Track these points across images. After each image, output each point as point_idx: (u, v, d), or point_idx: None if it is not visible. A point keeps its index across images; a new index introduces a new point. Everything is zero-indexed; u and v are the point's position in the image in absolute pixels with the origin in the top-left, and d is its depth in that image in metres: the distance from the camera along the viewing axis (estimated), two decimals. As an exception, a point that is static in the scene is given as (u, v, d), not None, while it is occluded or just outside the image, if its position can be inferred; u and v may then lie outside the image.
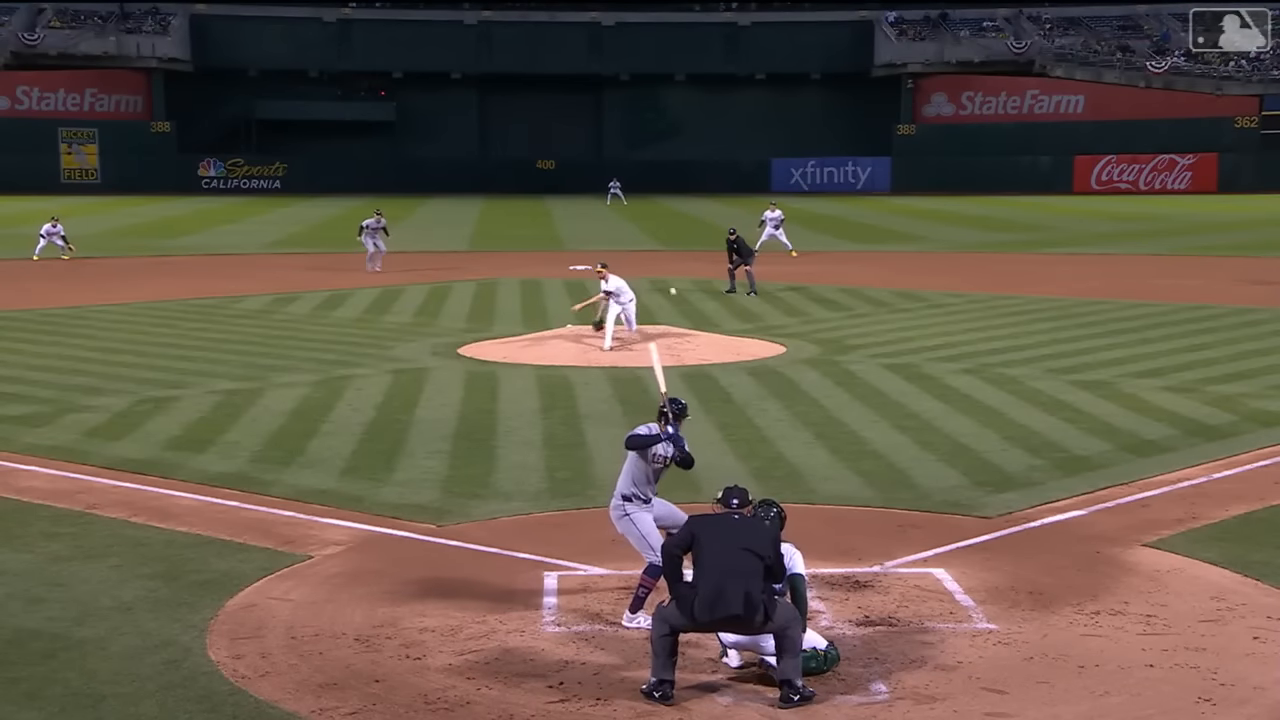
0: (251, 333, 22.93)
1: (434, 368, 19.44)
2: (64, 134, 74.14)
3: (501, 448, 14.13)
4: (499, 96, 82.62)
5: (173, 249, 41.05)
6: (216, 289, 29.69)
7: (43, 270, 34.06)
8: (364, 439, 14.41)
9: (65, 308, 25.75)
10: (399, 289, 29.93)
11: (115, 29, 77.99)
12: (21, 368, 18.67)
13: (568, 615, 9.04)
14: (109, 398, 16.55)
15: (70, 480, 12.51)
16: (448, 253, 41.15)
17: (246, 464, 13.25)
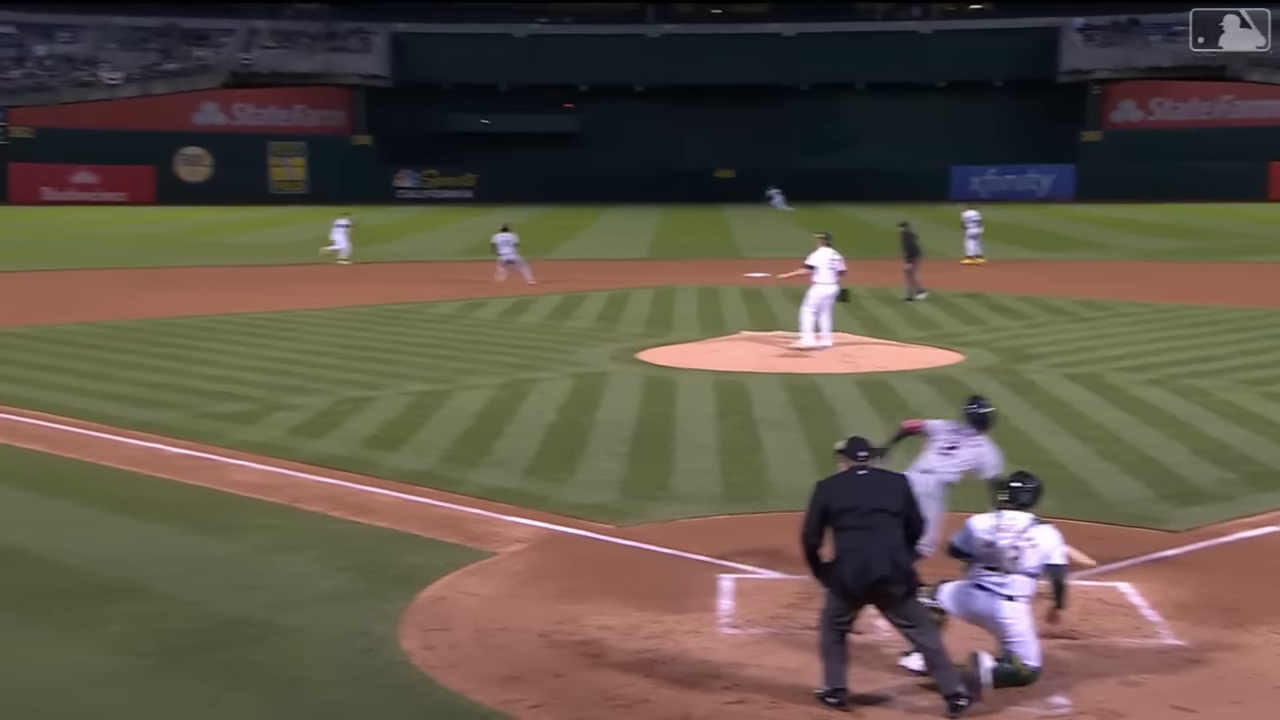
0: (442, 336, 23.52)
1: (613, 372, 19.60)
2: (274, 148, 77.56)
3: (679, 451, 14.16)
4: (680, 107, 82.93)
5: (371, 255, 42.46)
6: (410, 294, 30.57)
7: (260, 275, 35.62)
8: (547, 440, 14.63)
9: (273, 312, 26.85)
10: (580, 295, 30.30)
11: (322, 48, 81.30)
12: (234, 368, 19.54)
13: (743, 618, 9.00)
14: (312, 397, 17.19)
15: (276, 475, 13.03)
16: (627, 260, 41.49)
17: (437, 462, 13.59)
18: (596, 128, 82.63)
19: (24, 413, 15.90)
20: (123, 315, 25.91)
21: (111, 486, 12.48)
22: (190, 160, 75.31)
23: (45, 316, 25.50)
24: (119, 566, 10.00)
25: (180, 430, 15.00)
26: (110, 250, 43.08)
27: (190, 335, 23.24)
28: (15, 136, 71.06)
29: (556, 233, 53.96)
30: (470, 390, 17.80)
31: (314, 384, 18.23)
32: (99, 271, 35.94)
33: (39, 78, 75.72)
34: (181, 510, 11.68)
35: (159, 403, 16.62)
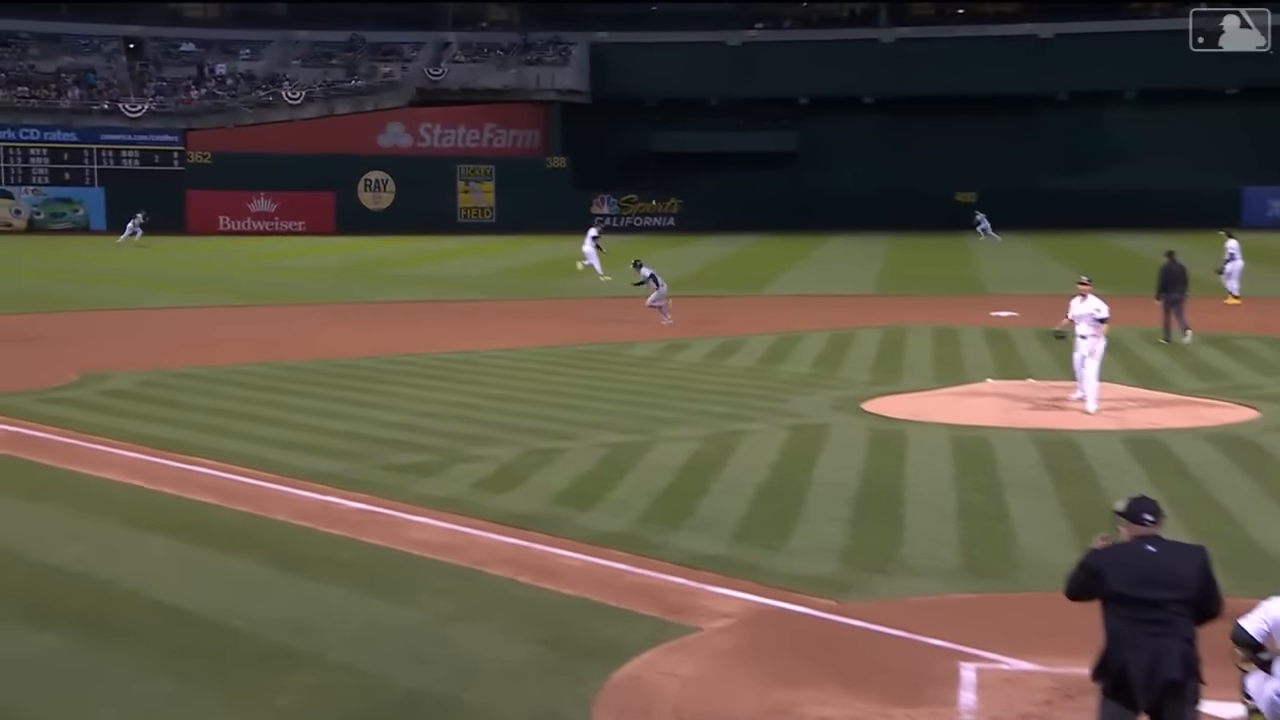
0: (640, 382, 23.73)
1: (834, 424, 19.41)
2: (462, 171, 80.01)
3: (910, 516, 13.90)
4: (915, 122, 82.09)
5: (564, 290, 43.26)
6: (605, 334, 30.96)
7: (444, 311, 36.69)
8: (757, 501, 14.56)
9: (456, 352, 27.59)
10: (796, 335, 30.17)
11: (516, 61, 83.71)
12: (414, 414, 20.10)
13: (988, 715, 8.72)
14: (497, 448, 17.54)
15: (458, 534, 13.32)
16: (852, 296, 41.13)
17: (634, 523, 13.66)
18: (818, 146, 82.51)
19: (196, 460, 16.69)
20: (300, 355, 26.99)
21: (284, 543, 12.96)
22: (373, 186, 78.37)
23: (221, 357, 26.78)
24: (291, 632, 10.37)
25: (356, 482, 15.49)
26: (288, 284, 45.10)
27: (369, 378, 24.03)
28: (193, 162, 75.44)
29: (771, 264, 53.96)
30: (672, 442, 17.87)
31: (500, 433, 18.60)
32: (276, 308, 37.63)
33: (219, 98, 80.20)
34: (357, 570, 12.05)
35: (334, 451, 17.23)
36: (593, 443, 17.87)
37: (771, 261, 55.36)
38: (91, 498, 14.72)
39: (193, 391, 22.24)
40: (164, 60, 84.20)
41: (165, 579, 11.73)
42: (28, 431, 18.47)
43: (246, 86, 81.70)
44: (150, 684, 9.29)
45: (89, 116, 76.34)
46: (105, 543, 12.92)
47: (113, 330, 31.76)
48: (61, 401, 21.11)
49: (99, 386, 22.67)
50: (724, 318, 34.36)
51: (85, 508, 14.26)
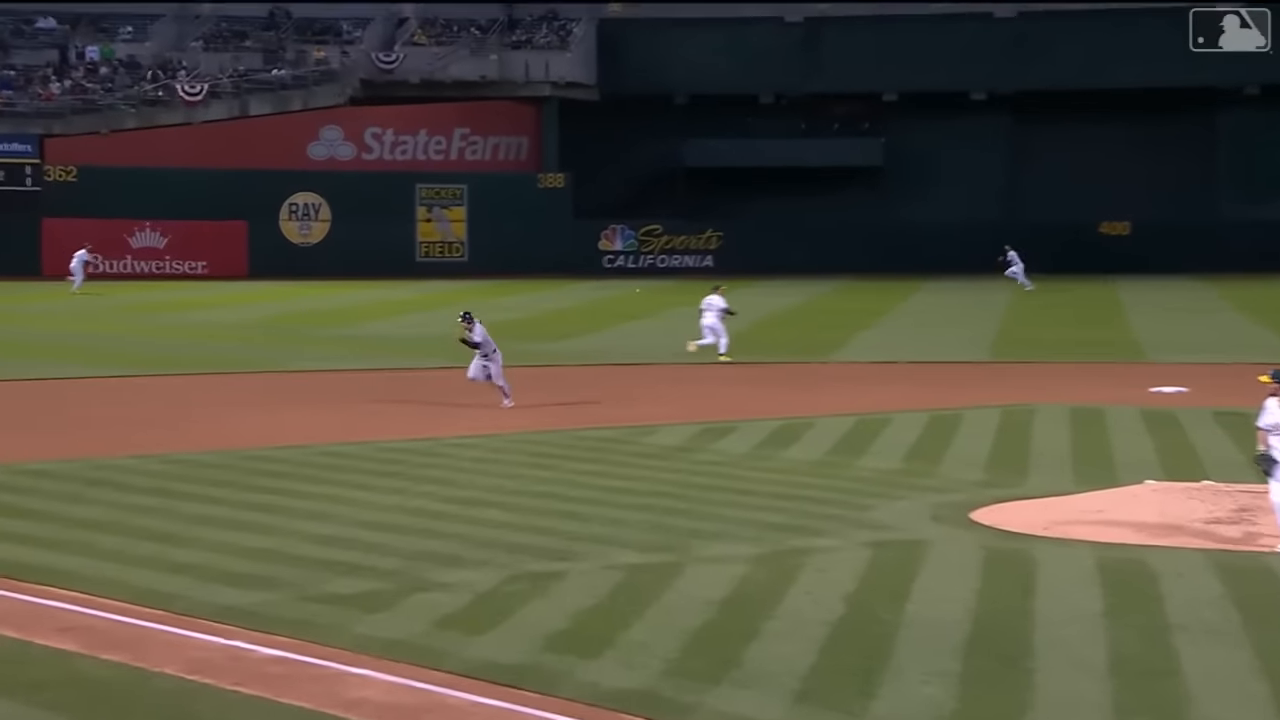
0: (665, 479, 23.64)
1: (934, 540, 19.30)
2: (423, 193, 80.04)
3: (1042, 671, 13.80)
4: (1042, 126, 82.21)
5: (559, 355, 43.23)
6: (617, 415, 30.92)
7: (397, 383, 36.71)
8: (828, 647, 14.46)
9: (416, 440, 27.55)
10: (881, 417, 30.07)
11: (498, 44, 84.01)
12: (357, 524, 20.03)
13: None
14: (469, 571, 17.45)
15: (415, 692, 13.22)
16: (957, 363, 41.05)
17: (658, 677, 13.57)
18: (910, 158, 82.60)
19: (51, 592, 16.62)
20: (198, 444, 26.94)
21: (174, 707, 12.89)
22: (301, 212, 78.72)
23: (90, 447, 26.77)
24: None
25: (276, 620, 15.40)
26: (182, 346, 45.21)
27: (293, 474, 23.97)
28: (52, 180, 75.75)
29: (845, 319, 53.99)
30: (710, 564, 17.79)
31: (473, 550, 18.52)
32: (165, 378, 37.69)
33: (89, 93, 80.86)
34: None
35: (245, 578, 17.14)
36: (601, 564, 17.80)
37: (846, 316, 55.37)
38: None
39: (48, 495, 22.19)
40: (13, 42, 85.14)
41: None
42: None
43: (128, 78, 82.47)
44: None
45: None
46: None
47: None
48: None
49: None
50: (784, 392, 34.29)
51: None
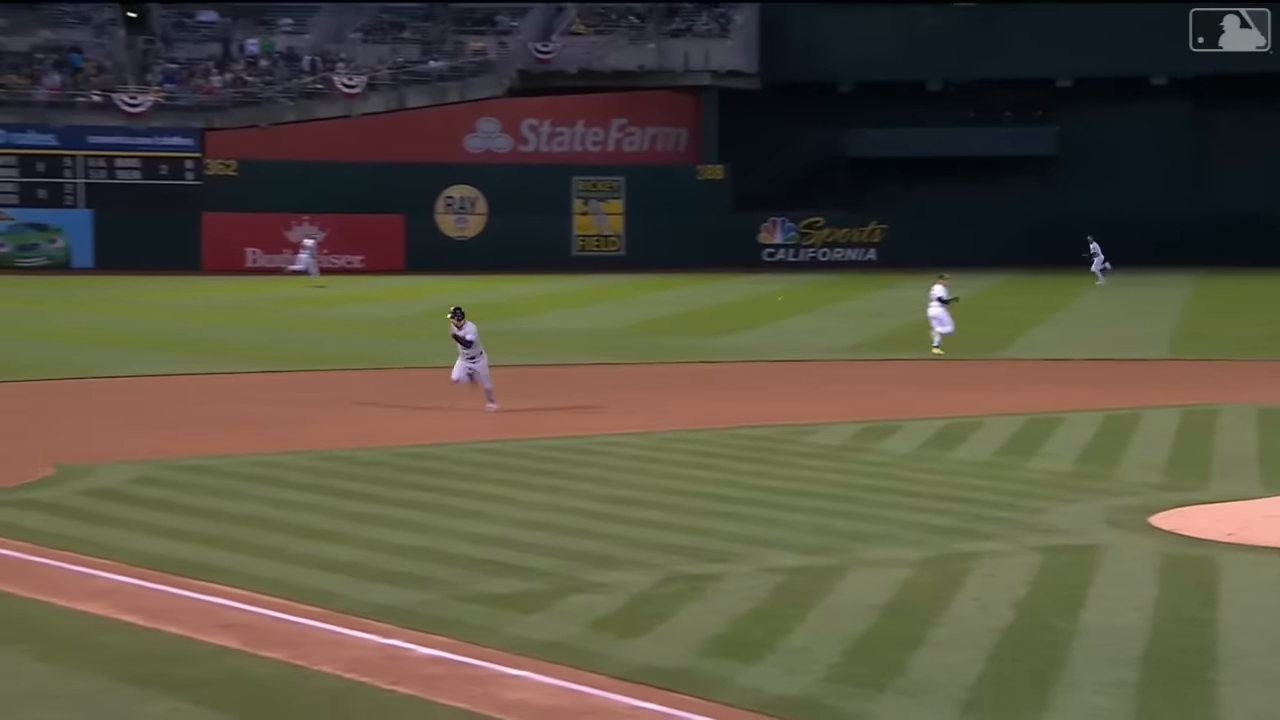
0: (827, 480, 23.60)
1: (1110, 546, 19.08)
2: (580, 185, 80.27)
3: (1226, 685, 13.59)
4: (1232, 112, 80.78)
5: (717, 351, 43.25)
6: (778, 413, 30.83)
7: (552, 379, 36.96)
8: (997, 655, 14.35)
9: (571, 437, 27.72)
10: (1055, 417, 29.78)
11: (657, 33, 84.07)
12: (511, 524, 20.19)
13: None
14: (625, 572, 17.53)
15: (572, 695, 13.30)
16: (1133, 361, 40.55)
17: (820, 684, 13.54)
18: (1085, 147, 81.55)
19: (210, 588, 16.93)
20: (355, 440, 27.35)
21: (332, 707, 13.08)
22: (457, 205, 79.33)
23: (247, 443, 27.23)
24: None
25: (431, 620, 15.56)
26: (338, 341, 45.80)
27: (450, 473, 24.24)
28: (212, 174, 76.90)
29: (1015, 314, 53.50)
30: (873, 568, 17.73)
31: (629, 551, 18.59)
32: (321, 374, 38.24)
33: (249, 86, 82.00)
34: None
35: (401, 577, 17.34)
36: (760, 566, 17.79)
37: (1015, 311, 54.88)
38: (70, 641, 14.99)
39: (205, 491, 22.58)
40: (175, 35, 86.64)
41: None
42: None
43: (287, 71, 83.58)
44: None
45: (73, 112, 78.66)
46: (89, 706, 13.16)
47: (97, 406, 32.51)
48: (30, 505, 21.61)
49: (79, 484, 23.15)
50: (951, 391, 34.07)
51: (62, 655, 14.55)
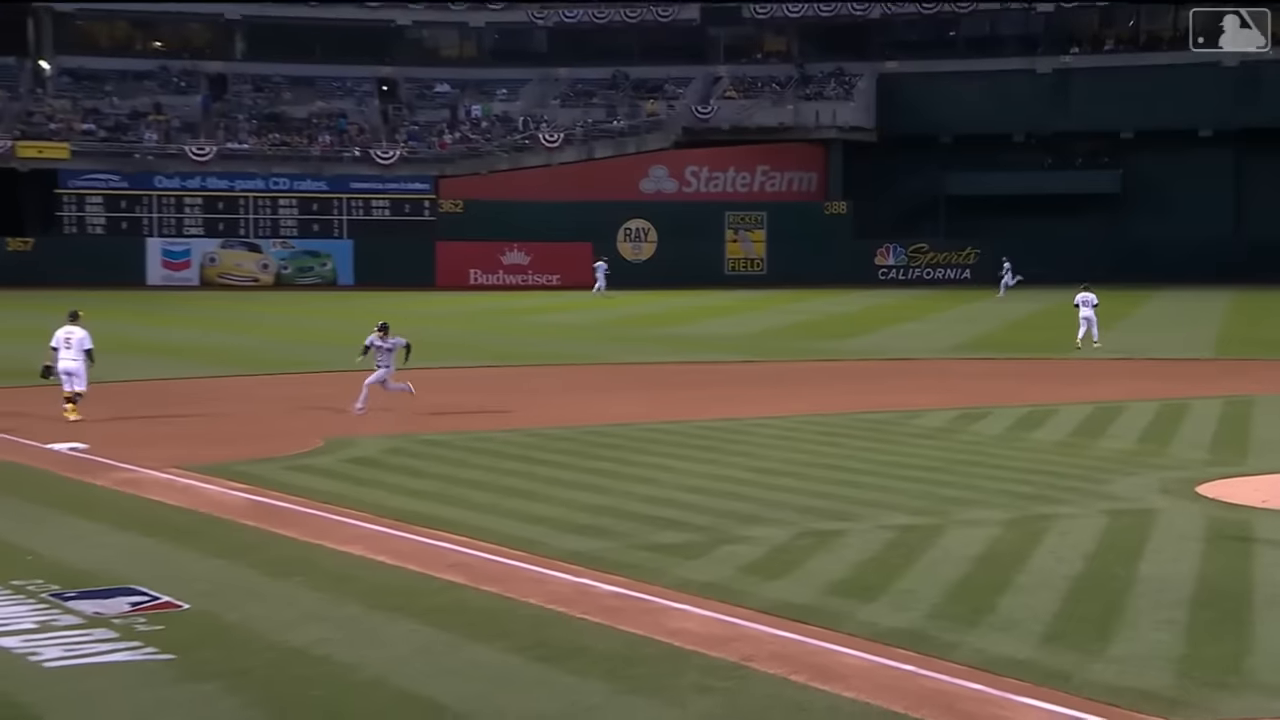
0: (931, 455, 23.39)
1: (1164, 510, 18.73)
2: (731, 219, 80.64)
3: (1261, 623, 13.25)
4: (1264, 157, 78.80)
5: (842, 351, 43.08)
6: (890, 401, 30.66)
7: (711, 375, 37.00)
8: (1070, 598, 14.13)
9: (725, 420, 27.75)
10: (1118, 405, 29.30)
11: (793, 96, 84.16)
12: (676, 488, 20.26)
13: None
14: (768, 528, 17.52)
15: (724, 624, 13.31)
16: (1184, 360, 39.73)
17: (923, 619, 13.42)
18: (1143, 187, 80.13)
19: (442, 536, 17.19)
20: (552, 421, 27.60)
21: (536, 630, 13.20)
22: (634, 235, 79.79)
23: (472, 423, 27.61)
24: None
25: (612, 563, 15.68)
26: (540, 343, 46.26)
27: (626, 447, 24.39)
28: (444, 211, 78.24)
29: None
30: (968, 526, 17.56)
31: (770, 511, 18.58)
32: (528, 369, 38.63)
33: (473, 142, 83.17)
34: (614, 663, 12.16)
35: (589, 529, 17.50)
36: (876, 524, 17.68)
37: (1085, 319, 53.86)
38: (335, 575, 15.30)
39: (439, 460, 22.98)
40: (417, 103, 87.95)
41: (411, 667, 12.08)
42: (271, 501, 19.37)
43: (502, 129, 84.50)
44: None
45: (339, 164, 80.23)
46: (348, 625, 13.40)
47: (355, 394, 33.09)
48: (305, 469, 22.10)
49: (344, 453, 23.65)
50: (1032, 384, 33.61)
51: (329, 586, 14.83)
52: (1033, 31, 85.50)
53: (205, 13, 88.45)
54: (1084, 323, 42.10)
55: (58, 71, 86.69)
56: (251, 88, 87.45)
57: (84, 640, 12.77)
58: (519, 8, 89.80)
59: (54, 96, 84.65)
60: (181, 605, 13.97)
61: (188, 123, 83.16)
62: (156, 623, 13.34)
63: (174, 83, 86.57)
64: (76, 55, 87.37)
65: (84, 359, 26.91)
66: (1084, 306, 41.98)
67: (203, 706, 11.07)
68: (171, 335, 47.70)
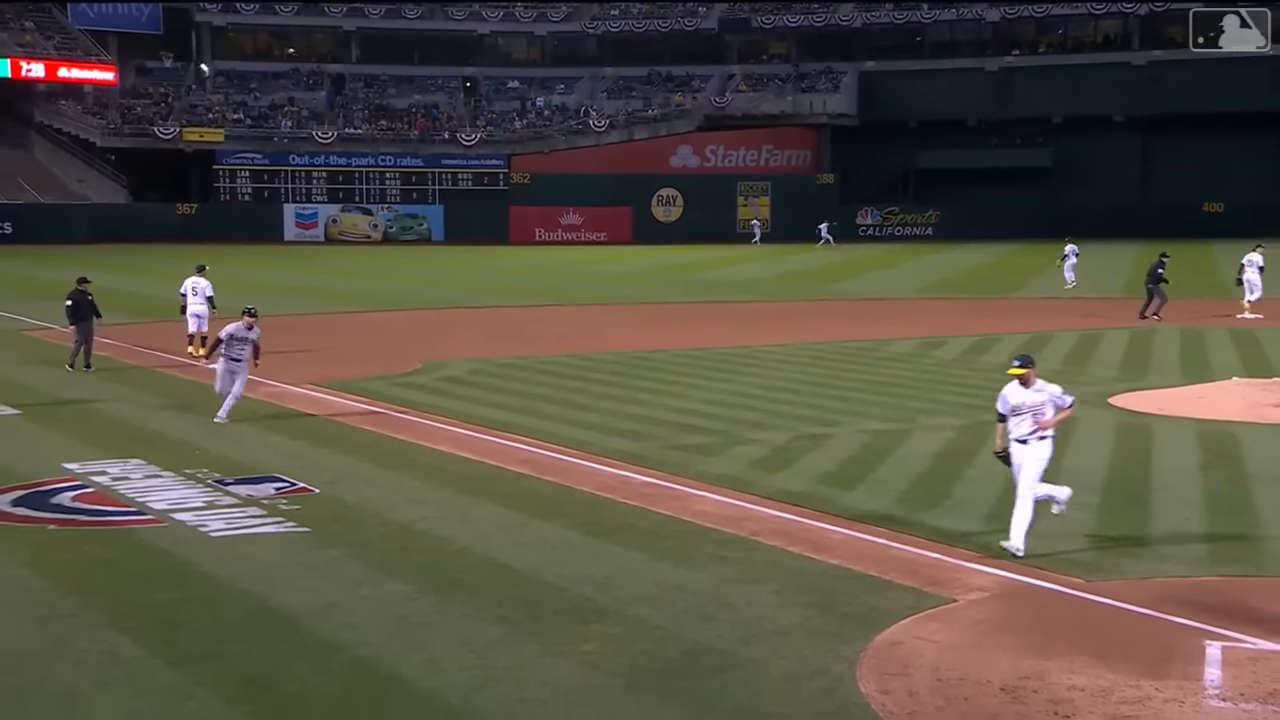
0: (900, 375, 23.28)
1: (1083, 417, 18.48)
2: (741, 188, 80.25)
3: (1156, 505, 13.20)
4: (1164, 139, 77.81)
5: (830, 293, 42.87)
6: (868, 332, 30.51)
7: (726, 311, 36.86)
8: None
9: (736, 347, 27.72)
10: (1048, 334, 29.06)
11: (792, 89, 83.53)
12: (699, 401, 20.27)
13: (1235, 691, 8.18)
14: (770, 432, 17.51)
15: (736, 507, 13.36)
16: (1101, 299, 39.38)
17: (893, 503, 13.42)
18: (1071, 162, 79.10)
19: (515, 438, 17.28)
20: (602, 348, 27.57)
21: (588, 511, 13.29)
22: (665, 201, 79.44)
23: (540, 348, 27.67)
24: (594, 589, 10.61)
25: (648, 459, 15.72)
26: (593, 287, 46.22)
27: (660, 369, 24.36)
28: (515, 182, 78.24)
29: (1023, 271, 52.17)
30: (929, 431, 17.49)
31: (773, 419, 18.56)
32: (583, 308, 38.62)
33: (537, 128, 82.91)
34: (649, 537, 12.23)
35: (630, 433, 17.53)
36: (856, 429, 17.65)
37: (1023, 268, 53.55)
38: (431, 468, 15.41)
39: (513, 379, 23.01)
40: (494, 96, 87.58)
41: (491, 539, 12.19)
42: (382, 410, 19.49)
43: (560, 117, 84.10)
44: (480, 628, 9.64)
45: (432, 145, 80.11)
46: (442, 506, 13.52)
47: (450, 326, 33.20)
48: (408, 385, 22.20)
49: (438, 373, 23.72)
50: (981, 318, 33.42)
51: (426, 476, 14.95)
52: (983, 38, 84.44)
53: (328, 25, 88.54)
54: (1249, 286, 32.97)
55: (214, 73, 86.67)
56: (364, 85, 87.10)
57: (240, 516, 12.93)
58: (574, 20, 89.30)
59: (211, 92, 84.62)
60: (314, 490, 14.11)
61: (314, 113, 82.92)
62: (295, 503, 13.49)
63: (304, 81, 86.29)
64: (228, 60, 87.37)
65: (206, 305, 25.60)
66: (1249, 268, 33.03)
67: (332, 567, 11.22)
68: (306, 280, 47.88)
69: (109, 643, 9.30)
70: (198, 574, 11.00)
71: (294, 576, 10.90)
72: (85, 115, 78.84)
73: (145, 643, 9.28)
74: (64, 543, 12.16)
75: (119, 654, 9.09)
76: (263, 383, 21.65)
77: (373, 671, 8.73)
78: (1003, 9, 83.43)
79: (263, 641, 9.34)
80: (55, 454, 15.94)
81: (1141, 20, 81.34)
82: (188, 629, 9.63)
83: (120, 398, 20.63)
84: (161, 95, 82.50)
